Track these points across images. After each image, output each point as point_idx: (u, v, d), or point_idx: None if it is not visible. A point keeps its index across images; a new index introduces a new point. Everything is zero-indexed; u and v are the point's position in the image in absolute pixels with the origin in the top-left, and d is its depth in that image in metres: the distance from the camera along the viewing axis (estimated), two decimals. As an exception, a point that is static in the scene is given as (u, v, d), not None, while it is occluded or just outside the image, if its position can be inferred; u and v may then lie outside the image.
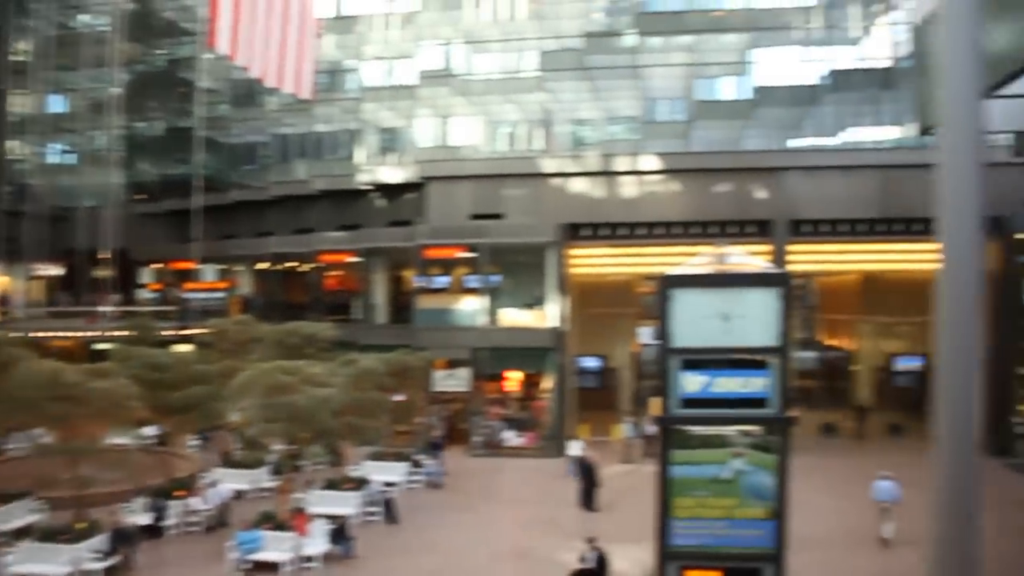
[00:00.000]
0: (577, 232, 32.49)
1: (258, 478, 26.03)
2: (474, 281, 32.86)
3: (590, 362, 36.38)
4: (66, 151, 52.37)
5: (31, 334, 33.91)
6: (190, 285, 41.44)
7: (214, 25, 11.89)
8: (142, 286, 48.50)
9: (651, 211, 32.05)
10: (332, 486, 24.06)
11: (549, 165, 33.91)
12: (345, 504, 22.95)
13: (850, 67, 38.81)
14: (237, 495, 24.42)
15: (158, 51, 48.39)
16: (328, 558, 20.08)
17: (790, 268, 29.33)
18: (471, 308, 32.79)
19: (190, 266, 41.55)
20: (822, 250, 32.55)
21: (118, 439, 25.69)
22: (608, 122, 43.54)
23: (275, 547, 19.69)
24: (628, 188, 32.54)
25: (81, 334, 37.86)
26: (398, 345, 29.39)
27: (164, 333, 34.76)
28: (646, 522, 13.19)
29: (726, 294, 11.91)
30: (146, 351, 26.59)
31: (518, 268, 32.97)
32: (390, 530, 22.87)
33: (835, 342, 43.14)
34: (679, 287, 12.09)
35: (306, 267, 40.60)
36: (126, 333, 32.90)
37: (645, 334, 36.73)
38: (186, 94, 45.27)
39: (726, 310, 11.78)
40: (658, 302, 12.23)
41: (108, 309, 40.09)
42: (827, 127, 39.36)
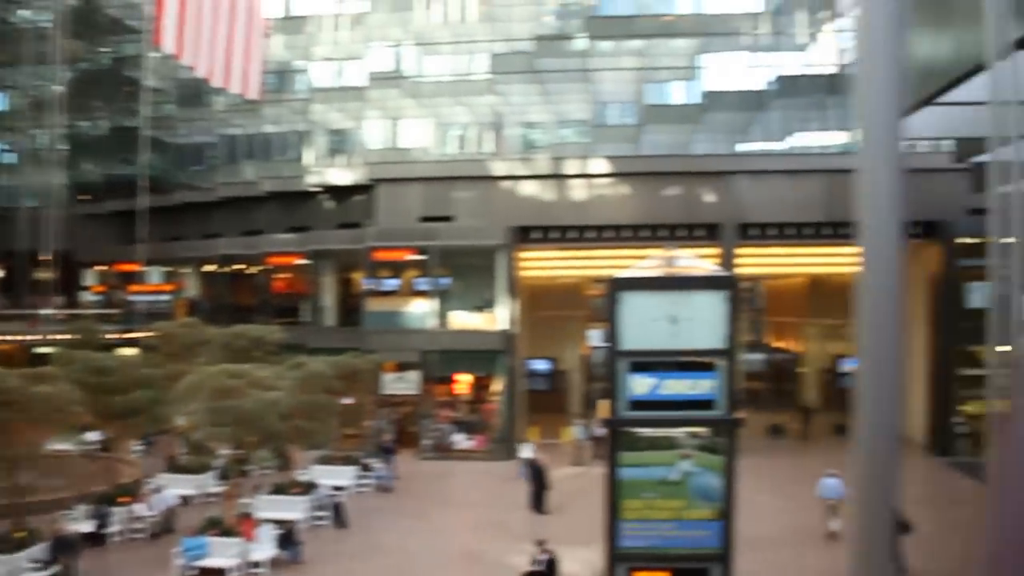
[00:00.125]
0: (527, 235, 32.52)
1: (204, 483, 25.66)
2: (424, 284, 32.75)
3: (540, 365, 36.49)
4: (6, 150, 51.25)
5: (-31, 338, 33.11)
6: (135, 287, 40.77)
7: (159, 23, 11.68)
8: (85, 288, 47.65)
9: (601, 214, 32.19)
10: (280, 490, 23.79)
11: (499, 168, 33.90)
12: (293, 509, 22.71)
13: (797, 73, 39.40)
14: (183, 501, 24.04)
15: (102, 49, 47.49)
16: (276, 563, 19.85)
17: (738, 271, 29.67)
18: (421, 311, 32.66)
19: (135, 268, 40.88)
20: (769, 253, 32.95)
21: (59, 445, 25.18)
22: (558, 125, 43.75)
23: (221, 553, 19.40)
24: (578, 191, 32.66)
25: (22, 338, 36.98)
26: (347, 348, 29.17)
27: (108, 336, 34.03)
28: (596, 524, 13.22)
29: (674, 297, 11.98)
30: (89, 355, 26.04)
31: (468, 271, 32.90)
32: (339, 535, 22.68)
33: (782, 344, 43.74)
34: (627, 290, 12.13)
35: (254, 269, 40.15)
36: (68, 336, 32.22)
37: (595, 337, 36.91)
38: (131, 93, 44.44)
39: (674, 313, 11.84)
40: (606, 305, 12.27)
41: (50, 312, 39.22)
42: (774, 132, 39.95)
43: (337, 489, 25.28)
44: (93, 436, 29.24)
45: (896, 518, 18.19)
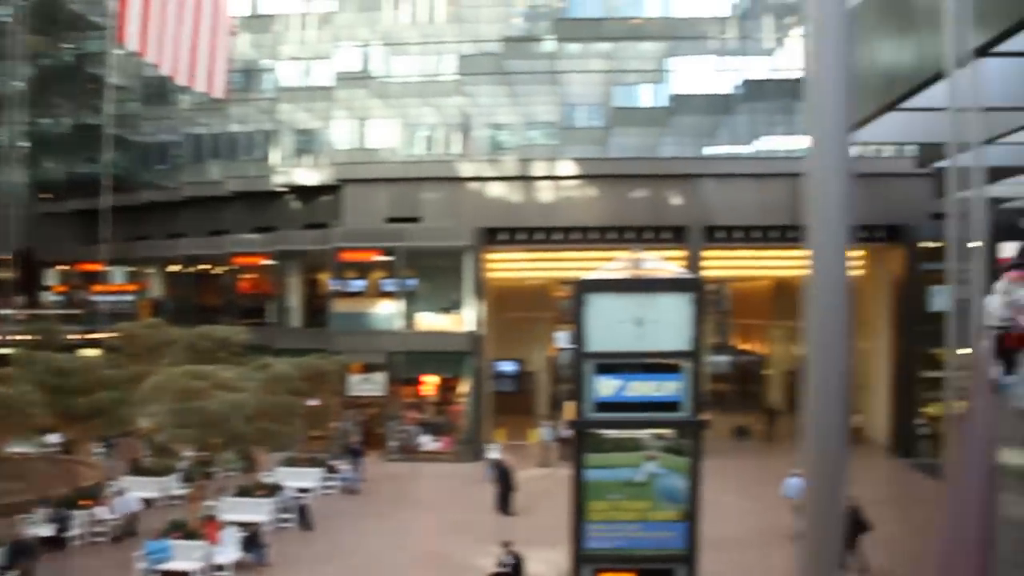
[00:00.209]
0: (494, 236, 32.51)
1: (168, 486, 25.38)
2: (390, 285, 32.65)
3: (507, 366, 36.50)
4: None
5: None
6: (98, 287, 40.27)
7: (123, 19, 11.51)
8: (47, 288, 47.00)
9: (568, 216, 32.25)
10: (245, 493, 23.61)
11: (467, 169, 33.87)
12: (258, 511, 22.56)
13: (764, 77, 39.69)
14: (146, 503, 23.78)
15: (65, 45, 46.86)
16: (240, 566, 19.71)
17: (704, 274, 29.83)
18: (387, 312, 32.56)
19: (98, 268, 40.35)
20: (735, 256, 33.18)
21: (19, 447, 24.81)
22: (526, 127, 43.78)
23: (185, 556, 19.21)
24: (545, 193, 32.69)
25: (-19, 338, 36.43)
26: (313, 349, 29.04)
27: (70, 337, 33.60)
28: (562, 525, 13.23)
29: (640, 299, 12.01)
30: (50, 356, 25.70)
31: (435, 272, 32.84)
32: (304, 537, 22.55)
33: (748, 346, 44.06)
34: (593, 292, 12.15)
35: (219, 270, 39.83)
36: (29, 337, 31.76)
37: (562, 338, 36.96)
38: (95, 90, 43.91)
39: (639, 315, 11.88)
40: (573, 307, 12.28)
41: (10, 312, 38.65)
42: (741, 136, 40.21)
43: (302, 491, 25.12)
44: (54, 438, 28.80)
45: (857, 518, 18.40)
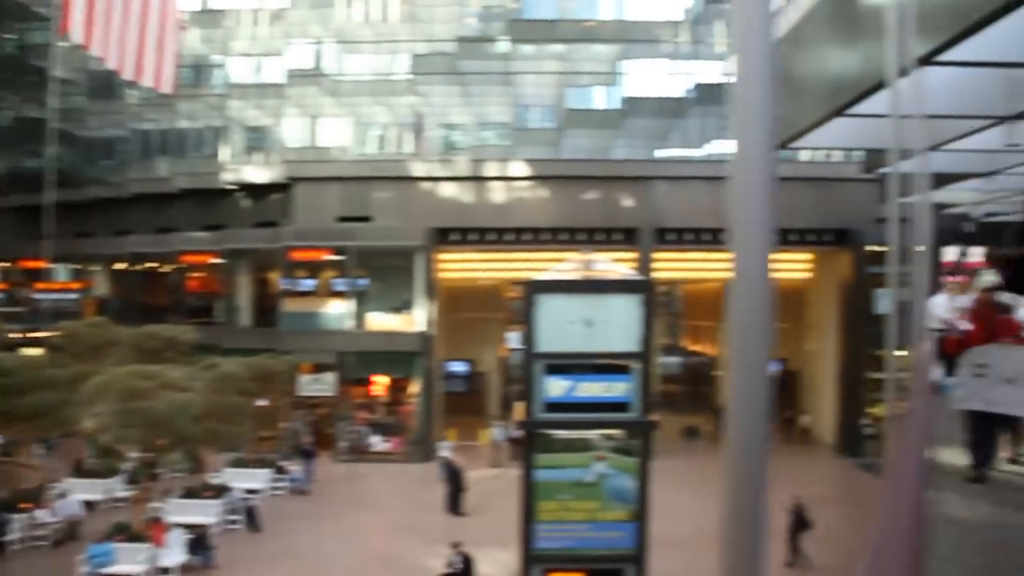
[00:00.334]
0: (446, 236, 32.43)
1: (112, 487, 24.98)
2: (341, 284, 32.43)
3: (458, 366, 36.43)
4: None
5: None
6: (41, 285, 39.40)
7: (67, 10, 11.28)
8: (-13, 286, 45.92)
9: (520, 217, 32.28)
10: (191, 494, 23.35)
11: (419, 169, 33.74)
12: (205, 513, 22.32)
13: (715, 81, 40.04)
14: (88, 506, 23.38)
15: (7, 35, 45.80)
16: (187, 569, 19.50)
17: (655, 275, 30.03)
18: (338, 312, 32.34)
19: (41, 265, 39.47)
20: (686, 258, 33.44)
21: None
22: (479, 127, 43.73)
23: (129, 559, 18.92)
24: (498, 194, 32.70)
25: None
26: (262, 349, 28.74)
27: (11, 336, 32.90)
28: (512, 526, 13.24)
29: (590, 300, 12.06)
30: (-10, 355, 25.19)
31: (386, 272, 32.69)
32: (253, 538, 22.35)
33: (698, 347, 44.40)
34: (543, 293, 12.18)
35: (167, 268, 39.24)
36: (-32, 336, 31.05)
37: (513, 339, 36.97)
38: (39, 83, 42.98)
39: (589, 316, 11.92)
40: (524, 307, 12.29)
41: (-51, 310, 37.80)
42: (693, 139, 40.52)
43: (251, 492, 24.91)
44: (-7, 439, 28.23)
45: (800, 516, 18.67)
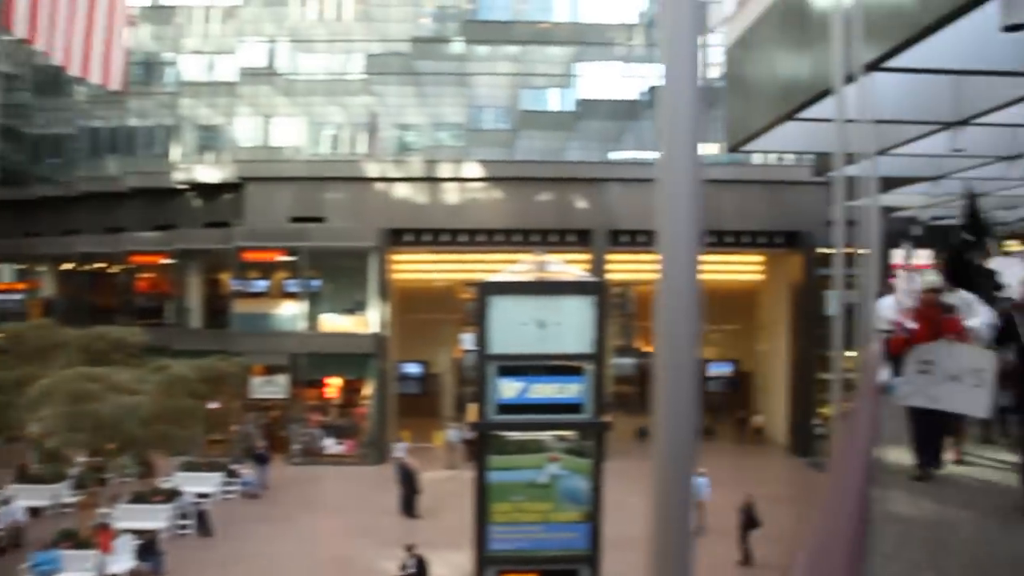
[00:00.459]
0: (400, 237, 32.31)
1: (58, 493, 24.51)
2: (294, 285, 32.20)
3: (412, 368, 36.30)
4: None
5: None
6: (-16, 286, 38.69)
7: (11, 4, 11.03)
8: (-72, 286, 44.87)
9: (474, 218, 32.26)
10: (140, 499, 23.01)
11: (372, 169, 33.57)
12: (154, 518, 22.01)
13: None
14: (34, 512, 22.96)
15: (-51, 32, 44.83)
16: (135, 575, 19.16)
17: (609, 277, 30.16)
18: (290, 313, 32.09)
19: (-15, 265, 38.80)
20: (640, 259, 33.61)
21: None
22: (433, 128, 43.65)
23: (75, 567, 18.60)
24: (452, 195, 32.65)
25: None
26: (213, 351, 28.33)
27: (-47, 338, 32.20)
28: (466, 527, 13.23)
29: (543, 301, 12.09)
30: (-69, 357, 24.63)
31: (339, 273, 32.49)
32: (203, 543, 22.10)
33: (652, 349, 44.67)
34: (496, 294, 12.18)
35: (116, 268, 38.56)
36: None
37: (467, 340, 36.94)
38: (-18, 79, 42.20)
39: (542, 317, 11.94)
40: (477, 309, 12.29)
41: None
42: (646, 141, 40.78)
43: (202, 496, 24.66)
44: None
45: (749, 514, 18.98)
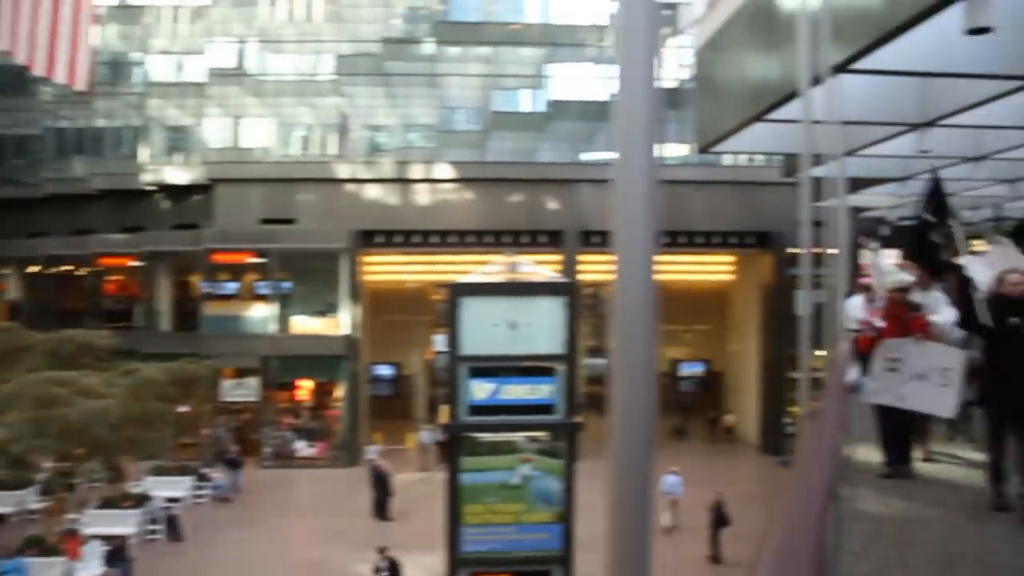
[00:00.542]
0: (371, 239, 32.22)
1: (24, 499, 24.20)
2: (264, 287, 32.02)
3: (384, 370, 36.21)
4: None
5: None
6: (-52, 289, 38.17)
7: (-28, 3, 10.90)
8: None
9: (445, 219, 32.23)
10: (109, 504, 22.76)
11: (343, 171, 33.47)
12: (124, 523, 21.82)
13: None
14: (-1, 519, 22.71)
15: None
16: (103, 581, 19.01)
17: (581, 277, 30.20)
18: (261, 315, 31.91)
19: (-52, 269, 38.27)
20: (611, 260, 33.65)
21: None
22: (404, 129, 43.52)
23: (43, 574, 18.37)
24: (423, 196, 32.61)
25: None
26: (184, 354, 28.11)
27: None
28: (439, 530, 13.20)
29: (514, 302, 12.09)
30: None
31: (310, 275, 32.35)
32: (174, 548, 21.91)
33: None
34: (467, 295, 12.17)
35: (83, 271, 38.17)
36: None
37: (439, 341, 36.86)
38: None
39: (513, 318, 11.95)
40: (448, 310, 12.27)
41: None
42: (617, 142, 40.83)
43: (172, 501, 24.44)
44: None
45: (720, 512, 19.22)
